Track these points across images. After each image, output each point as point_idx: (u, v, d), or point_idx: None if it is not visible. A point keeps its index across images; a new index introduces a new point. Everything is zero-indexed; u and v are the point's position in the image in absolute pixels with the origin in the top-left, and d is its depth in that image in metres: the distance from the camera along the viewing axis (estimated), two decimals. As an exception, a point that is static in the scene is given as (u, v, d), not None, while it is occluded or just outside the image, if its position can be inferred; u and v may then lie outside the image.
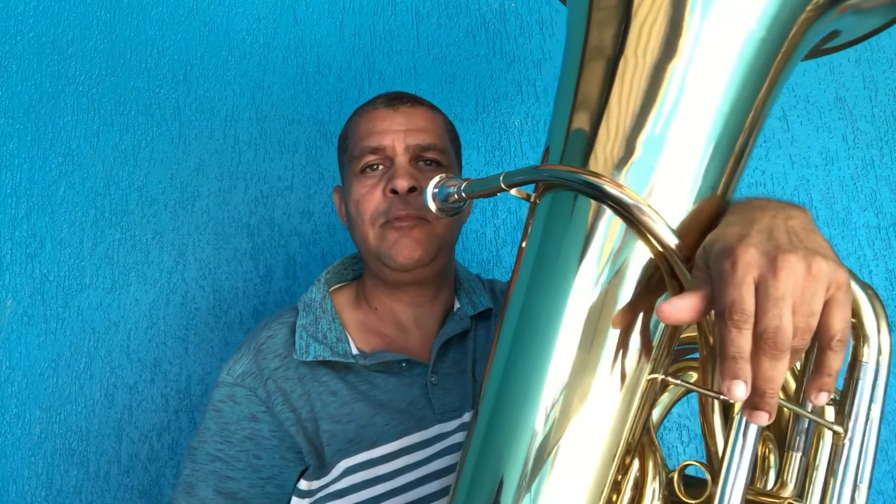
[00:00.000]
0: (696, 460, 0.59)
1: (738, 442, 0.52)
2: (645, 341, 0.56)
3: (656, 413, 0.66)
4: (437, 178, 0.69)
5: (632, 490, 0.60)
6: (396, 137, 0.89)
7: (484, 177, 0.64)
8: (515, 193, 0.62)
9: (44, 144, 1.33)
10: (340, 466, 0.83)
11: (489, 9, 1.37)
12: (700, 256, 0.52)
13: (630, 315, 0.56)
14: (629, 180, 0.56)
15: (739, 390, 0.46)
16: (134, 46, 1.36)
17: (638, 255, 0.55)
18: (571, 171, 0.57)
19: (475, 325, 0.97)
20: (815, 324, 0.47)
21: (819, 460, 0.57)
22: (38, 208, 1.31)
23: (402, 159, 0.89)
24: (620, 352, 0.56)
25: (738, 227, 0.51)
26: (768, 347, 0.46)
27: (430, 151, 0.90)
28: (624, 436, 0.57)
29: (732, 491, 0.52)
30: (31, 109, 1.34)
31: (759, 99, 0.58)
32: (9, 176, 1.32)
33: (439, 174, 0.70)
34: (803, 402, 0.56)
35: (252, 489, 0.84)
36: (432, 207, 0.68)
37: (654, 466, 0.60)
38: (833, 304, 0.47)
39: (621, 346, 0.56)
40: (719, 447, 0.59)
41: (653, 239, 0.54)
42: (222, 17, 1.38)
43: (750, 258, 0.47)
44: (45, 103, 1.34)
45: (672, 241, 0.53)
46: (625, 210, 0.54)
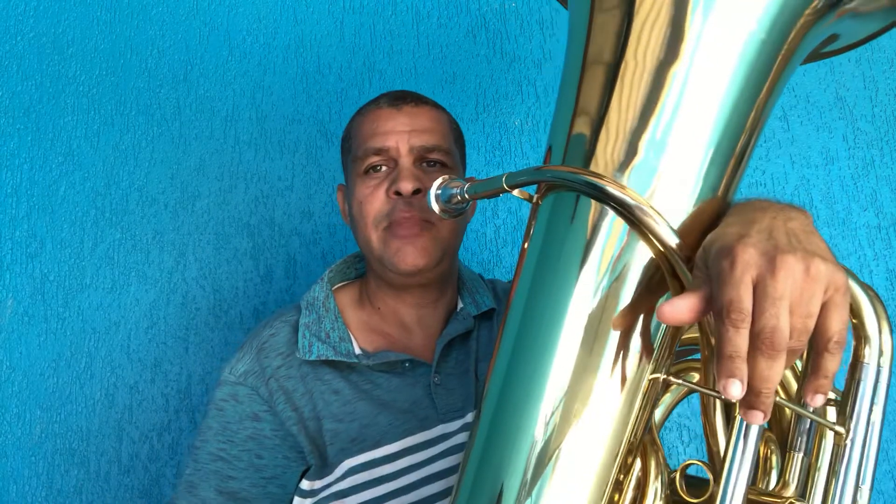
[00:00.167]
0: (698, 460, 0.59)
1: (739, 441, 0.52)
2: (646, 341, 0.56)
3: (658, 413, 0.67)
4: (440, 180, 0.68)
5: (634, 490, 0.60)
6: (400, 138, 0.88)
7: (487, 178, 0.64)
8: (518, 194, 0.62)
9: (44, 144, 1.33)
10: (343, 466, 0.83)
11: (489, 8, 1.37)
12: (700, 256, 0.52)
13: (632, 315, 0.56)
14: (631, 182, 0.56)
15: (735, 389, 0.46)
16: (134, 46, 1.36)
17: (639, 255, 0.56)
18: (574, 171, 0.57)
19: (478, 325, 0.97)
20: (812, 325, 0.47)
21: (821, 461, 0.57)
22: (38, 208, 1.31)
23: (406, 160, 0.88)
24: (622, 352, 0.56)
25: (737, 227, 0.51)
26: (765, 347, 0.46)
27: (434, 152, 0.90)
28: (626, 436, 0.57)
29: (734, 490, 0.52)
30: (32, 109, 1.33)
31: (760, 101, 0.58)
32: (9, 176, 1.31)
33: (443, 176, 0.70)
34: (804, 403, 0.56)
35: (254, 489, 0.84)
36: (435, 209, 0.68)
37: (657, 466, 0.60)
38: (831, 306, 0.47)
39: (623, 347, 0.56)
40: (721, 447, 0.59)
41: (654, 239, 0.54)
42: (222, 17, 1.37)
43: (749, 258, 0.47)
44: (45, 103, 1.34)
45: (673, 242, 0.53)
46: (627, 211, 0.54)
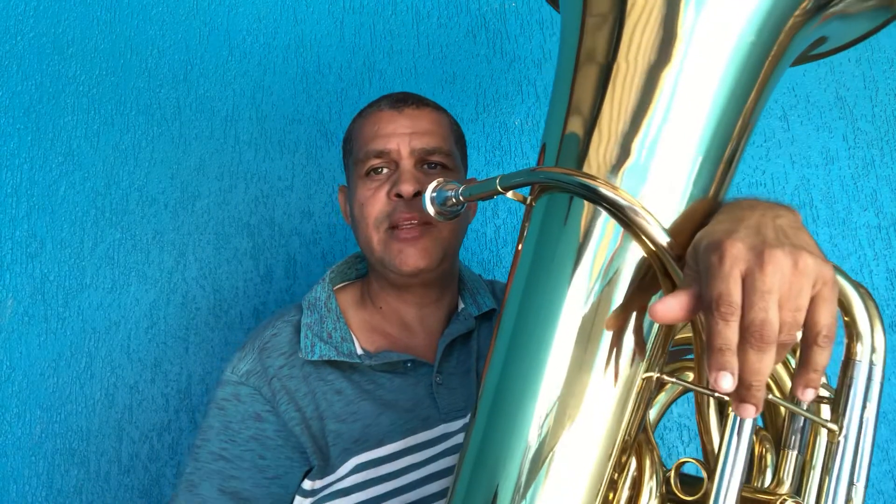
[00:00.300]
0: (692, 458, 0.60)
1: (732, 438, 0.53)
2: (640, 340, 0.57)
3: (653, 412, 0.68)
4: (435, 183, 0.69)
5: (629, 489, 0.61)
6: (401, 141, 0.88)
7: (481, 180, 0.65)
8: (512, 196, 0.63)
9: (44, 144, 1.33)
10: (351, 463, 0.83)
11: (489, 8, 1.37)
12: (690, 254, 0.53)
13: (625, 314, 0.57)
14: (623, 183, 0.57)
15: (726, 382, 0.46)
16: (134, 46, 1.36)
17: (632, 255, 0.56)
18: (567, 173, 0.58)
19: (479, 326, 0.97)
20: (801, 319, 0.48)
21: (815, 458, 0.58)
22: (38, 208, 1.31)
23: (408, 163, 0.88)
24: (616, 351, 0.56)
25: (726, 225, 0.52)
26: (755, 340, 0.46)
27: (435, 155, 0.90)
28: (620, 434, 0.57)
29: (728, 487, 0.52)
30: (32, 109, 1.34)
31: (750, 102, 0.59)
32: (9, 176, 1.32)
33: (437, 179, 0.70)
34: (797, 400, 0.57)
35: (256, 489, 0.84)
36: (431, 212, 0.70)
37: (652, 465, 0.61)
38: (819, 300, 0.48)
39: (617, 346, 0.56)
40: (715, 445, 0.59)
41: (646, 239, 0.55)
42: (223, 17, 1.38)
43: (737, 252, 0.48)
44: (45, 103, 1.34)
45: (664, 241, 0.54)
46: (619, 211, 0.55)
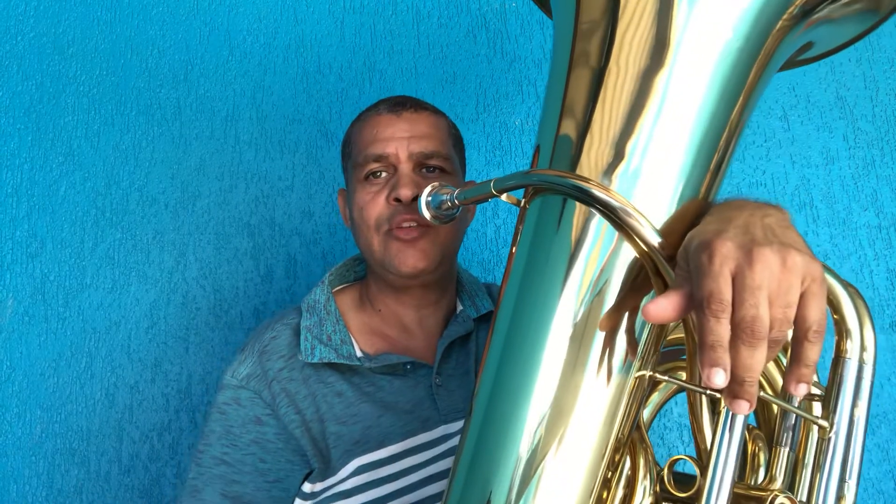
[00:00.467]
0: (685, 455, 0.61)
1: (724, 434, 0.53)
2: (632, 340, 0.58)
3: (647, 412, 0.69)
4: (430, 187, 0.71)
5: (624, 488, 0.61)
6: (400, 145, 0.89)
7: (476, 183, 0.66)
8: (506, 199, 0.64)
9: (45, 144, 1.33)
10: (353, 465, 0.83)
11: (490, 8, 1.37)
12: (681, 254, 0.53)
13: (617, 314, 0.57)
14: (615, 184, 0.58)
15: (719, 377, 0.47)
16: (134, 46, 1.36)
17: (624, 256, 0.57)
18: (560, 175, 0.59)
19: (478, 328, 0.98)
20: (792, 315, 0.48)
21: (807, 456, 0.58)
22: (38, 208, 1.31)
23: (406, 167, 0.89)
24: (609, 350, 0.57)
25: (715, 225, 0.52)
26: (746, 336, 0.47)
27: (433, 159, 0.90)
28: (613, 432, 0.58)
29: (721, 482, 0.53)
30: (32, 109, 1.34)
31: (739, 105, 0.60)
32: (10, 176, 1.32)
33: (437, 182, 0.71)
34: (790, 398, 0.58)
35: (258, 493, 0.84)
36: (427, 216, 0.71)
37: (646, 464, 0.62)
38: (808, 296, 0.49)
39: (609, 345, 0.57)
40: (708, 442, 0.60)
41: (638, 240, 0.56)
42: (223, 17, 1.38)
43: (727, 251, 0.49)
44: (45, 103, 1.34)
45: (656, 242, 0.55)
46: (611, 213, 0.56)
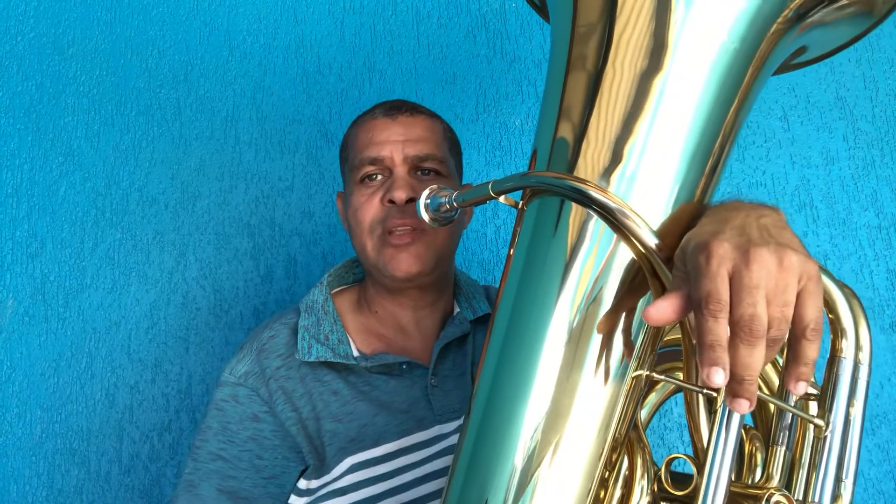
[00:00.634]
0: (682, 453, 0.61)
1: (721, 433, 0.53)
2: (629, 340, 0.58)
3: (645, 412, 0.69)
4: (428, 190, 0.71)
5: (621, 488, 0.62)
6: (395, 148, 0.90)
7: (474, 185, 0.67)
8: (504, 201, 0.64)
9: (45, 144, 1.33)
10: (346, 463, 0.84)
11: (490, 9, 1.38)
12: (678, 256, 0.54)
13: (615, 315, 0.58)
14: (613, 186, 0.58)
15: (718, 377, 0.47)
16: (134, 47, 1.36)
17: (621, 257, 0.58)
18: (558, 177, 0.59)
19: (474, 330, 0.98)
20: (790, 314, 0.49)
21: (804, 455, 0.59)
22: (38, 208, 1.31)
23: (401, 170, 0.90)
24: (606, 350, 0.57)
25: (712, 226, 0.53)
26: (744, 335, 0.47)
27: (428, 161, 0.91)
28: (611, 432, 0.58)
29: (718, 481, 0.53)
30: (32, 109, 1.34)
31: (734, 108, 0.61)
32: (10, 176, 1.32)
33: (435, 185, 0.72)
34: (786, 397, 0.59)
35: (254, 489, 0.85)
36: (425, 218, 0.71)
37: (643, 463, 0.62)
38: (805, 295, 0.49)
39: (607, 345, 0.57)
40: (705, 441, 0.60)
41: (635, 241, 0.56)
42: (223, 18, 1.38)
43: (724, 252, 0.49)
44: (45, 103, 1.34)
45: (653, 243, 0.55)
46: (609, 214, 0.56)
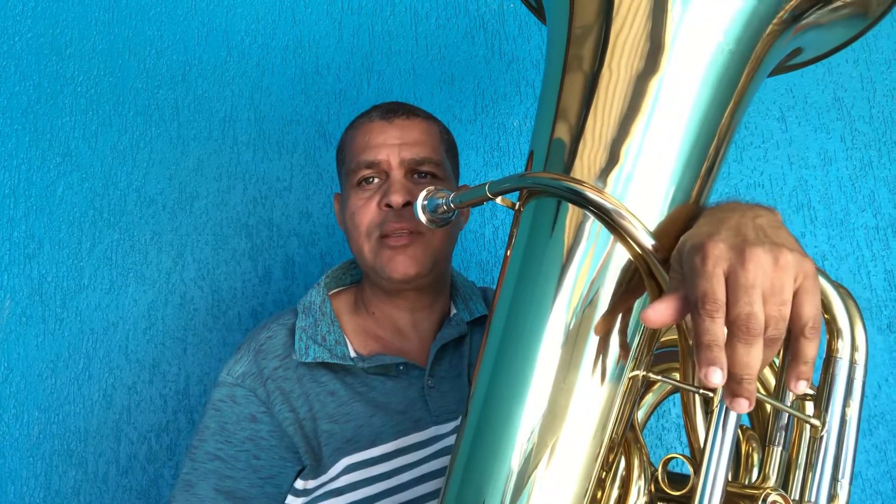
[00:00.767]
0: (679, 453, 0.61)
1: (717, 433, 0.54)
2: (625, 341, 0.59)
3: (642, 412, 0.70)
4: (425, 192, 0.71)
5: (618, 488, 0.62)
6: (391, 151, 0.90)
7: (471, 186, 0.67)
8: (500, 202, 0.64)
9: (42, 145, 1.33)
10: (342, 463, 0.84)
11: (488, 9, 1.38)
12: (675, 257, 0.54)
13: (611, 316, 0.58)
14: (609, 187, 0.58)
15: (716, 376, 0.47)
16: (132, 47, 1.36)
17: (618, 258, 0.58)
18: (555, 177, 0.59)
19: (471, 331, 0.98)
20: (787, 312, 0.49)
21: (800, 455, 0.59)
22: (36, 209, 1.31)
23: (398, 173, 0.90)
24: (602, 351, 0.58)
25: (707, 227, 0.53)
26: (741, 333, 0.47)
27: (424, 165, 0.91)
28: (608, 432, 0.58)
29: (714, 480, 0.53)
30: (30, 110, 1.34)
31: (729, 110, 0.61)
32: (7, 176, 1.32)
33: (428, 187, 0.72)
34: (783, 397, 0.59)
35: (252, 489, 0.85)
36: (423, 219, 0.71)
37: (640, 464, 0.62)
38: (802, 293, 0.49)
39: (603, 346, 0.58)
40: (701, 441, 0.60)
41: (632, 242, 0.56)
42: (221, 18, 1.38)
43: (719, 252, 0.49)
44: (43, 104, 1.34)
45: (649, 244, 0.56)
46: (605, 215, 0.56)
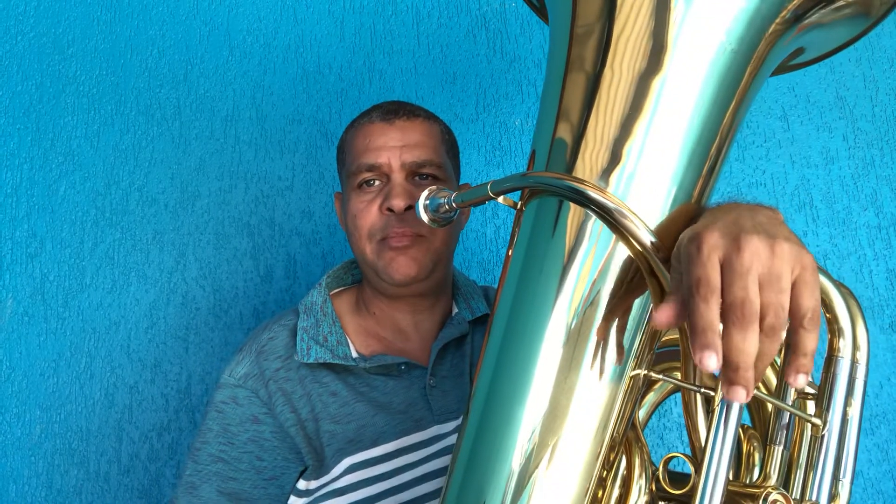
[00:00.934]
0: (680, 452, 0.61)
1: (718, 431, 0.53)
2: (627, 339, 0.59)
3: (643, 412, 0.69)
4: (427, 191, 0.71)
5: (619, 487, 0.62)
6: (392, 154, 0.89)
7: (473, 186, 0.67)
8: (502, 201, 0.64)
9: (44, 144, 1.33)
10: (345, 463, 0.84)
11: (490, 8, 1.37)
12: (675, 257, 0.54)
13: (613, 315, 0.58)
14: (611, 186, 0.58)
15: (711, 360, 0.47)
16: (134, 46, 1.36)
17: (619, 257, 0.58)
18: (556, 177, 0.59)
19: (472, 330, 0.98)
20: (785, 300, 0.48)
21: (801, 454, 0.59)
22: (38, 208, 1.31)
23: (399, 176, 0.89)
24: (603, 350, 0.58)
25: (705, 221, 0.53)
26: (736, 318, 0.47)
27: (426, 167, 0.91)
28: (609, 431, 0.58)
29: (715, 479, 0.53)
30: (32, 109, 1.34)
31: (731, 109, 0.61)
32: (9, 175, 1.32)
33: (430, 187, 0.72)
34: (784, 396, 0.59)
35: (255, 490, 0.85)
36: (425, 219, 0.71)
37: (641, 463, 0.62)
38: (801, 284, 0.49)
39: (604, 345, 0.58)
40: (703, 440, 0.60)
41: (633, 241, 0.56)
42: (223, 17, 1.38)
43: (714, 241, 0.49)
44: (45, 103, 1.34)
45: (651, 243, 0.55)
46: (607, 214, 0.56)
